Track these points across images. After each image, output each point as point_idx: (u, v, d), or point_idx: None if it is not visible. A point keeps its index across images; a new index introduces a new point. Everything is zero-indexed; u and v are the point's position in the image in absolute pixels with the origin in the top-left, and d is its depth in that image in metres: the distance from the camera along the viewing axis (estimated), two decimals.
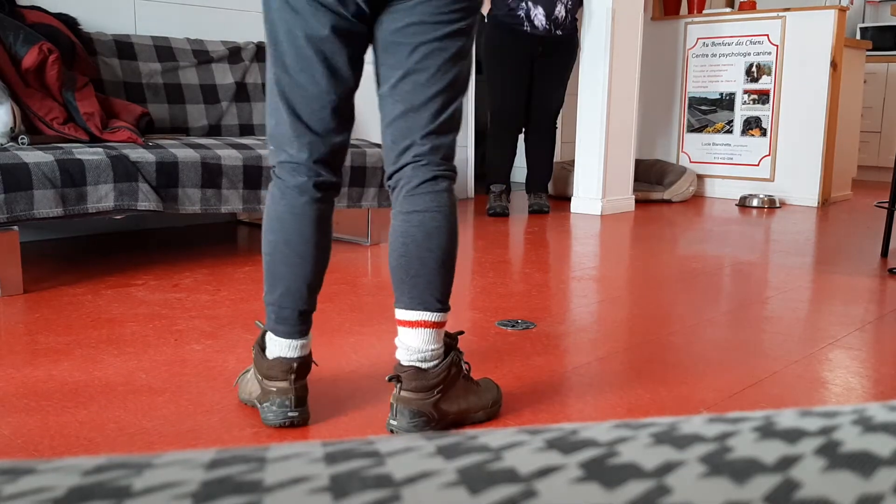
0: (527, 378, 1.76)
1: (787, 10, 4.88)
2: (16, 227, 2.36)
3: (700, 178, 5.32)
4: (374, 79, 1.47)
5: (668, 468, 0.20)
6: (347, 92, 1.43)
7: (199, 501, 0.19)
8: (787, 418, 0.24)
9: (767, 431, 0.22)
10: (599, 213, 4.36)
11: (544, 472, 0.20)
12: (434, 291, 1.42)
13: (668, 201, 4.96)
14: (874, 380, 1.79)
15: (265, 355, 1.49)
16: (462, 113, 1.47)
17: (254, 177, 2.78)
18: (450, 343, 1.47)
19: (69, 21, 3.02)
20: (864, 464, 0.20)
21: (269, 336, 1.50)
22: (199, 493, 0.19)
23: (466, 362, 1.52)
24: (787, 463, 0.21)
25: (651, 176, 5.16)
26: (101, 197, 2.43)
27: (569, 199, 4.71)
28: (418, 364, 1.42)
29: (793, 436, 0.22)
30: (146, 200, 2.51)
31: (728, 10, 5.46)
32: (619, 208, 4.48)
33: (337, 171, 1.47)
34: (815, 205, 4.87)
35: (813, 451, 0.21)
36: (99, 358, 1.84)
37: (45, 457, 1.33)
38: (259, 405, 1.50)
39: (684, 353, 1.96)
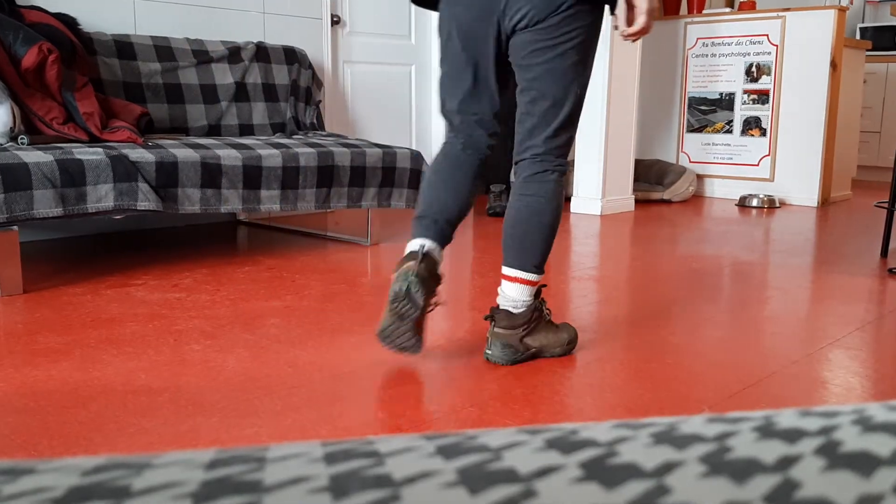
0: (526, 378, 1.76)
1: (787, 10, 4.89)
2: (16, 227, 2.36)
3: (700, 177, 5.32)
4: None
5: (667, 468, 0.20)
6: (482, 81, 1.82)
7: (199, 501, 0.19)
8: (786, 418, 0.24)
9: (767, 431, 0.22)
10: (599, 213, 4.36)
11: (544, 472, 0.20)
12: (532, 257, 1.79)
13: (668, 201, 4.96)
14: (874, 380, 1.79)
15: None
16: (580, 108, 1.82)
17: (253, 177, 2.77)
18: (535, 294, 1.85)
19: (69, 21, 3.02)
20: (864, 464, 0.20)
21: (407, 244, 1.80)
22: (199, 493, 0.19)
23: (549, 309, 1.89)
24: (786, 463, 0.21)
25: (651, 176, 5.16)
26: (101, 197, 2.43)
27: (568, 199, 4.71)
28: (510, 308, 1.81)
29: (792, 436, 0.22)
30: (146, 200, 2.51)
31: (728, 10, 5.46)
32: (618, 208, 4.48)
33: (482, 136, 1.87)
34: (815, 205, 4.88)
35: (813, 451, 0.21)
36: (99, 358, 1.84)
37: (45, 457, 1.33)
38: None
39: (684, 353, 1.96)
